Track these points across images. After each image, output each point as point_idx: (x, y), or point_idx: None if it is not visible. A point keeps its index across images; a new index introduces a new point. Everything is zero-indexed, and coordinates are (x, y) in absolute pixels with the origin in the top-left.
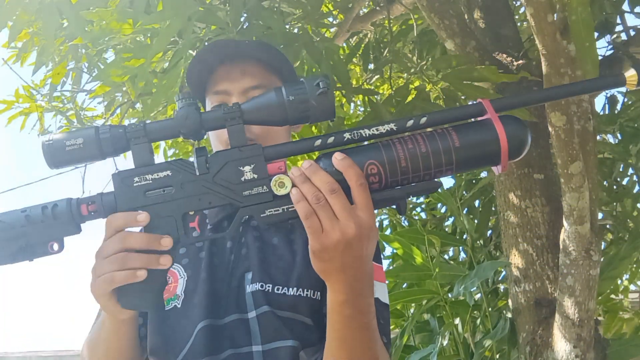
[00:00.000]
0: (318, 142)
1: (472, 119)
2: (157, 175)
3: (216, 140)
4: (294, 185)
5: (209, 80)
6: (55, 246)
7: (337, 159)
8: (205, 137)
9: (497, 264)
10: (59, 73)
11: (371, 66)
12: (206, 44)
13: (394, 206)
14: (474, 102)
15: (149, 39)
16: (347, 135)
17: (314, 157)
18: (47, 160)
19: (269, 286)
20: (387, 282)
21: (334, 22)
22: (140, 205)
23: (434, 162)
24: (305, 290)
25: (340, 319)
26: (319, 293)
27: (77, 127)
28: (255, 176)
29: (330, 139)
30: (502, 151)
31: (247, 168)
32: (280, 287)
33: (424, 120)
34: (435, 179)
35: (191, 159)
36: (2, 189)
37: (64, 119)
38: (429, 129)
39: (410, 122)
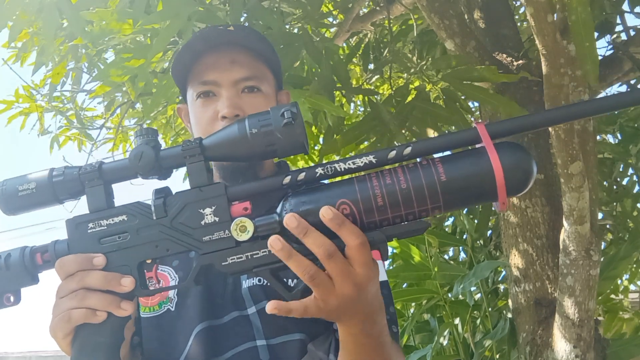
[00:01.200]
0: (287, 179)
1: (466, 147)
2: (112, 220)
3: (199, 121)
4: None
5: (192, 68)
6: (11, 298)
7: (327, 217)
8: (172, 174)
9: (494, 264)
10: (58, 73)
11: (371, 66)
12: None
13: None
14: (468, 129)
15: (149, 39)
16: (319, 171)
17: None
18: (2, 207)
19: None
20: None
21: (334, 22)
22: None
23: (417, 199)
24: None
25: (355, 346)
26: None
27: (77, 127)
28: (217, 219)
29: (301, 175)
30: (499, 186)
31: (207, 210)
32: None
33: (407, 150)
34: (422, 219)
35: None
36: None
37: (64, 119)
38: (413, 161)
39: (393, 154)
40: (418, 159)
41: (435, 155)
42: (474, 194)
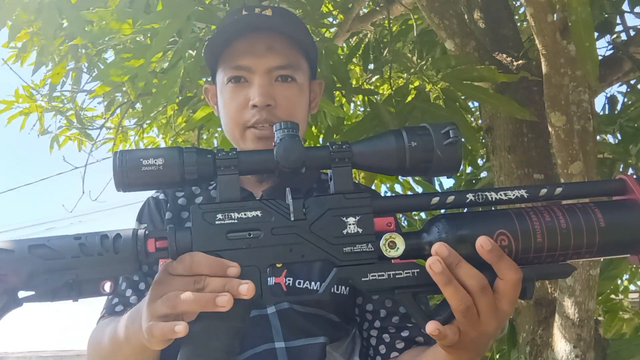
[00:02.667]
0: (435, 199)
1: (612, 197)
2: (245, 214)
3: (227, 106)
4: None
5: (226, 50)
6: (108, 286)
7: (485, 248)
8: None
9: None
10: (58, 73)
11: (371, 66)
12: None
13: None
14: (615, 179)
15: (149, 39)
16: (470, 197)
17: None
18: (116, 178)
19: (289, 279)
20: None
21: (334, 22)
22: (221, 249)
23: (574, 241)
24: (301, 280)
25: None
26: (347, 288)
27: (77, 127)
28: (360, 230)
29: (450, 198)
30: None
31: (350, 220)
32: (302, 281)
33: (559, 190)
34: (568, 263)
35: (287, 200)
36: (2, 189)
37: (64, 119)
38: (565, 202)
39: (544, 191)
40: (570, 202)
41: (589, 201)
42: (625, 244)
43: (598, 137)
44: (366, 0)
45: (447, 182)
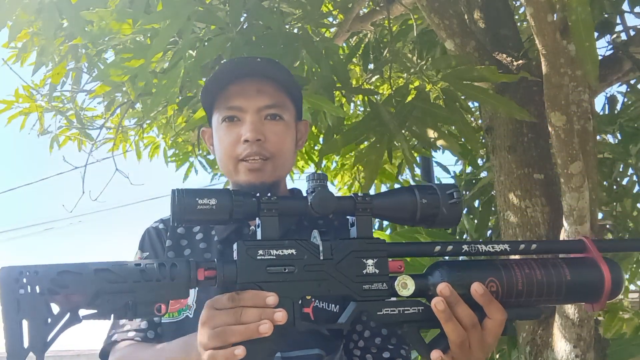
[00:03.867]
0: (437, 248)
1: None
2: (282, 252)
3: (222, 142)
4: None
5: (220, 94)
6: (162, 309)
7: (478, 292)
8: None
9: None
10: (58, 73)
11: (371, 66)
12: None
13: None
14: (576, 239)
15: (149, 39)
16: (465, 247)
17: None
18: (174, 214)
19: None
20: None
21: (334, 22)
22: (261, 281)
23: (546, 290)
24: (322, 302)
25: None
26: (337, 306)
27: (77, 127)
28: (377, 271)
29: (449, 247)
30: (605, 292)
31: (370, 262)
32: (325, 304)
33: (534, 246)
34: (538, 307)
35: (314, 240)
36: (2, 189)
37: (64, 119)
38: (541, 257)
39: (522, 246)
40: (544, 257)
41: (560, 257)
42: (584, 294)
43: (598, 137)
44: (366, 0)
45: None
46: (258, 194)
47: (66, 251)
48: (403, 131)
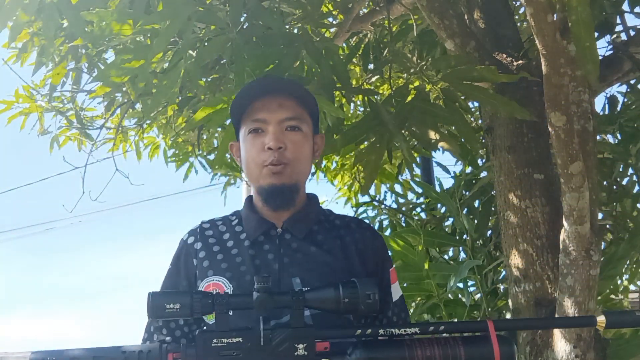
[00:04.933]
0: (358, 331)
1: (477, 333)
2: (231, 340)
3: (249, 151)
4: None
5: (247, 109)
6: None
7: None
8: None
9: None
10: (58, 73)
11: (371, 66)
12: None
13: None
14: (480, 320)
15: (149, 39)
16: (381, 331)
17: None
18: (148, 310)
19: None
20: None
21: (334, 22)
22: None
23: None
24: None
25: None
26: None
27: (77, 127)
28: (306, 353)
29: (368, 331)
30: None
31: (300, 346)
32: None
33: (442, 327)
34: None
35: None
36: (2, 189)
37: (64, 119)
38: (444, 336)
39: (431, 328)
40: (446, 337)
41: (458, 335)
42: None
43: (598, 137)
44: (366, 0)
45: (447, 182)
46: (215, 295)
47: (66, 251)
48: (403, 131)
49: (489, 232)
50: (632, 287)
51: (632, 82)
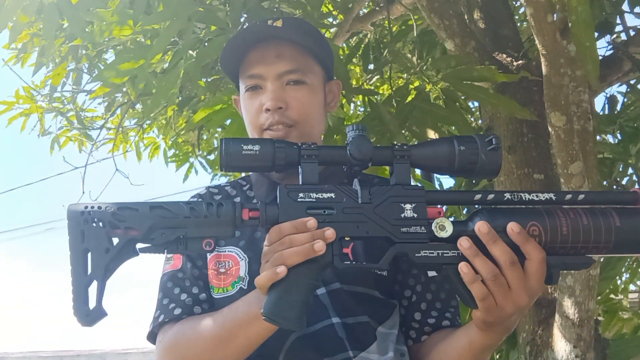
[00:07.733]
0: (478, 196)
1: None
2: (322, 195)
3: (247, 112)
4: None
5: (242, 63)
6: (209, 245)
7: (514, 231)
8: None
9: None
10: (59, 74)
11: (371, 66)
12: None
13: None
14: (630, 191)
15: (149, 39)
16: (507, 195)
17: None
18: (222, 160)
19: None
20: None
21: (334, 22)
22: None
23: (594, 236)
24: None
25: (477, 354)
26: (386, 272)
27: (78, 127)
28: (415, 215)
29: (490, 196)
30: None
31: (408, 206)
32: (348, 261)
33: (581, 197)
34: (589, 255)
35: (354, 187)
36: (2, 189)
37: (64, 120)
38: (587, 206)
39: (569, 196)
40: (590, 206)
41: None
42: (635, 243)
43: (598, 137)
44: (366, 0)
45: (447, 182)
46: (300, 143)
47: (66, 251)
48: (403, 131)
49: None
50: (632, 287)
51: (632, 82)
